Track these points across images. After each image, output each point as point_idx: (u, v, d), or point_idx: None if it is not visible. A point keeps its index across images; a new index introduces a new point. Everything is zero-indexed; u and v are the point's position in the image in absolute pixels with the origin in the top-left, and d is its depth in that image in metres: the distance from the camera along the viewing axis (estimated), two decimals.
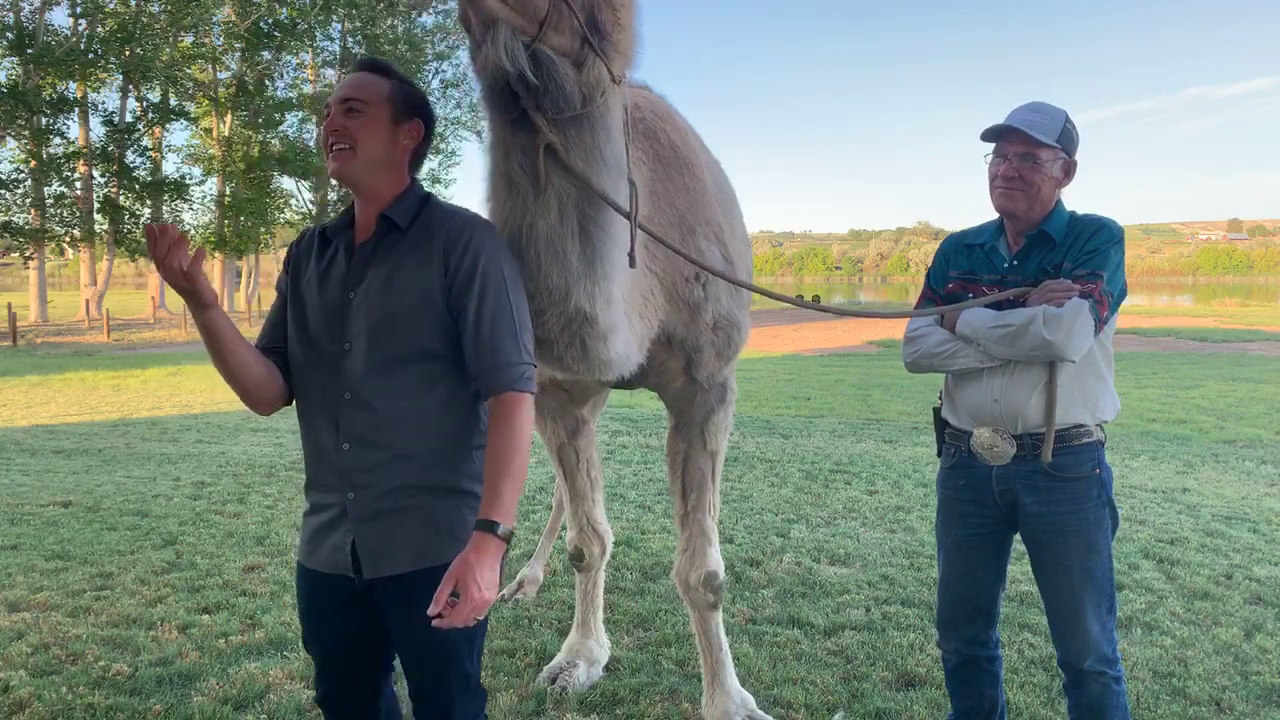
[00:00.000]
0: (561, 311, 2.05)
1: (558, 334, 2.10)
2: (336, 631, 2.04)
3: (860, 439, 8.93)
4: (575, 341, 2.12)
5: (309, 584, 2.03)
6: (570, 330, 2.10)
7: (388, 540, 1.90)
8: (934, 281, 2.62)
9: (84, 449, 8.44)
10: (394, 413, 1.88)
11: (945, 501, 2.60)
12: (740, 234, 3.11)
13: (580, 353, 2.15)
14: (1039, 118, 2.38)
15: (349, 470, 1.90)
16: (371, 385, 1.87)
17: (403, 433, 1.89)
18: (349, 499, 1.91)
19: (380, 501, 1.90)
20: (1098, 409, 2.42)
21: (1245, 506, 6.08)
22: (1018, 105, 2.46)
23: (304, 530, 2.03)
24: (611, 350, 2.20)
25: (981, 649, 2.60)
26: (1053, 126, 2.37)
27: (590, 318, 2.08)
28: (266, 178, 38.08)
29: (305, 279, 2.00)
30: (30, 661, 3.56)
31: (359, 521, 1.91)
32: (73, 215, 32.81)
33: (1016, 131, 2.36)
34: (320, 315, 1.94)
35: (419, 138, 1.97)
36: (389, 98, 1.92)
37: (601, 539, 3.49)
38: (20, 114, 29.55)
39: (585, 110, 1.93)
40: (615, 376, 2.34)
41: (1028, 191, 2.38)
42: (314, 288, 1.97)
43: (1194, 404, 11.61)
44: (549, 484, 6.53)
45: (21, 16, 29.93)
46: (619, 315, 2.21)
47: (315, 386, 1.95)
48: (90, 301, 31.85)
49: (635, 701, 3.27)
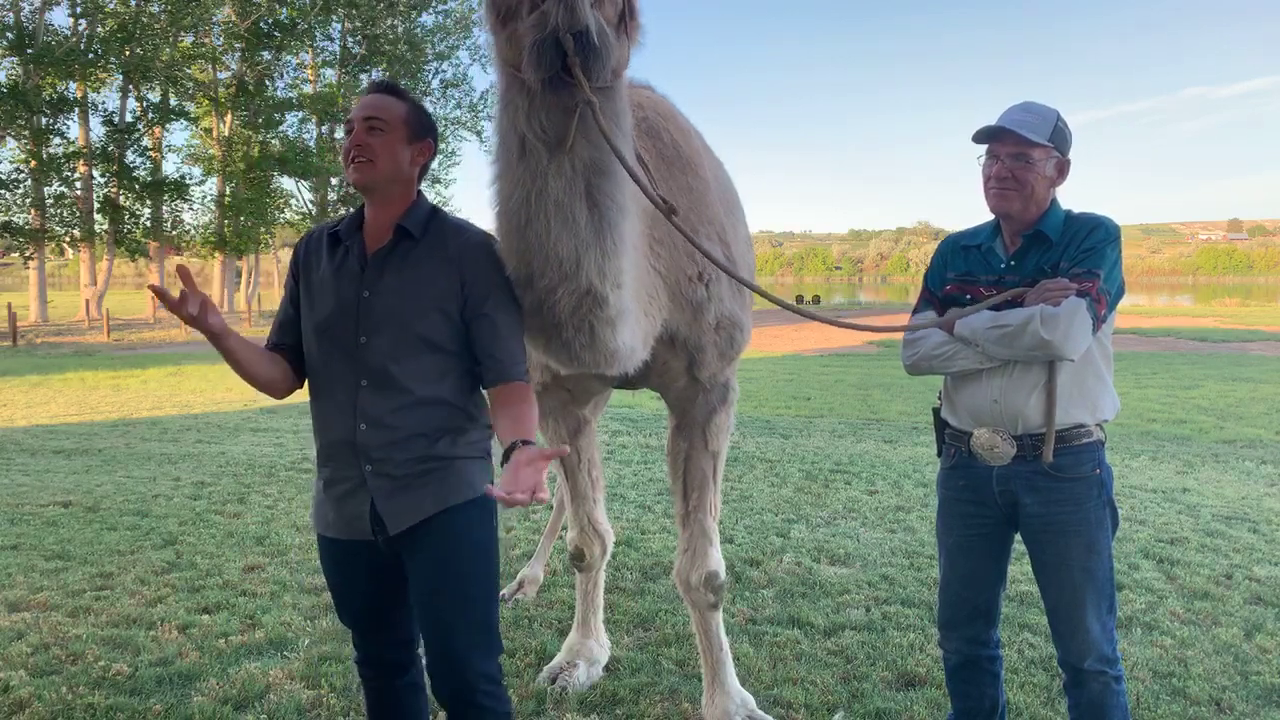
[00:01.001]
0: (574, 288, 2.08)
1: (568, 316, 2.12)
2: (365, 594, 2.28)
3: (860, 439, 8.94)
4: (584, 326, 2.15)
5: (335, 552, 2.26)
6: (580, 313, 2.12)
7: (406, 499, 2.13)
8: (932, 283, 2.62)
9: (84, 449, 8.44)
10: (406, 398, 2.12)
11: (946, 502, 2.60)
12: (742, 234, 3.11)
13: (588, 339, 2.17)
14: (1030, 118, 2.38)
15: (366, 447, 2.13)
16: (386, 374, 2.11)
17: (414, 415, 2.12)
18: (367, 470, 2.14)
19: (397, 470, 2.13)
20: (1097, 408, 2.42)
21: (1245, 506, 6.09)
22: (1009, 105, 2.46)
23: (320, 503, 2.25)
24: (619, 339, 2.21)
25: (982, 649, 2.60)
26: (1044, 126, 2.37)
27: (600, 298, 2.11)
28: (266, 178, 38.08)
29: (318, 276, 2.21)
30: (30, 661, 3.56)
31: (379, 489, 2.14)
32: (73, 215, 32.82)
33: (1008, 132, 2.36)
34: (336, 312, 2.16)
35: (428, 155, 2.22)
36: (405, 119, 2.15)
37: (602, 539, 3.49)
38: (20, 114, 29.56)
39: (613, 85, 2.03)
40: (620, 371, 2.34)
41: (1021, 191, 2.38)
42: (328, 285, 2.18)
43: (1194, 404, 11.61)
44: (549, 484, 6.53)
45: (21, 16, 29.93)
46: (628, 302, 2.23)
47: (333, 374, 2.17)
48: (90, 301, 31.84)
49: (635, 701, 3.27)
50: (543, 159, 2.01)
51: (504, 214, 2.10)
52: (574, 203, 2.04)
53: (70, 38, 31.21)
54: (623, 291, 2.18)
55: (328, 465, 2.21)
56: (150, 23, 31.75)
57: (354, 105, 2.23)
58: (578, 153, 2.02)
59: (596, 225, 2.07)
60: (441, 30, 41.76)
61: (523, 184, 2.03)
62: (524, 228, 2.05)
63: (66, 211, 32.77)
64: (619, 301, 2.16)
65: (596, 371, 2.32)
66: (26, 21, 30.16)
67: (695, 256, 2.75)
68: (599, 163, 2.04)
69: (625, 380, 2.95)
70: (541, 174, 2.02)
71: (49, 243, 32.18)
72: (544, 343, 2.23)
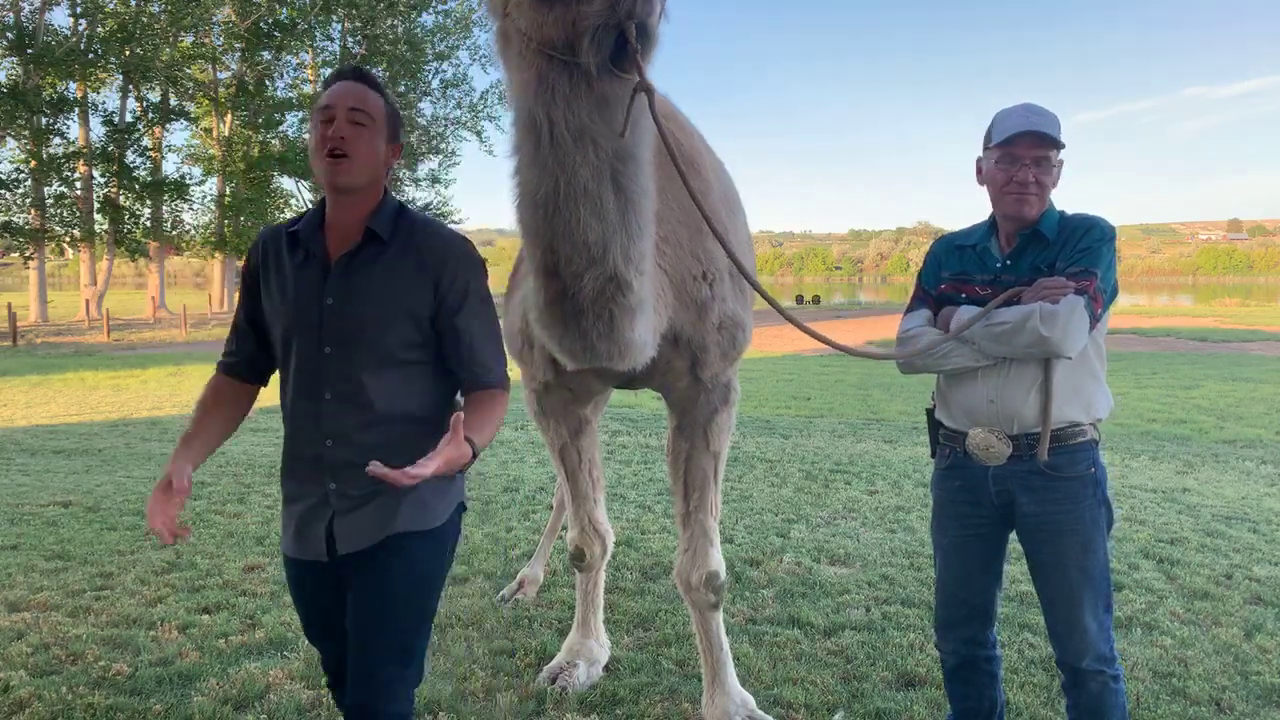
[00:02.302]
0: (600, 273, 2.09)
1: (590, 303, 2.13)
2: (324, 615, 2.16)
3: (860, 439, 8.94)
4: (605, 314, 2.15)
5: (295, 573, 2.16)
6: (603, 299, 2.13)
7: (359, 520, 2.02)
8: (926, 283, 2.62)
9: (84, 449, 8.44)
10: (373, 413, 1.99)
11: (941, 502, 2.61)
12: (744, 235, 3.12)
13: (607, 328, 2.18)
14: (1045, 118, 2.36)
15: (331, 465, 2.01)
16: (351, 386, 1.99)
17: (381, 429, 2.00)
18: (330, 489, 2.02)
19: (361, 489, 1.99)
20: (1092, 407, 2.43)
21: (1245, 506, 6.08)
22: (1006, 108, 2.43)
23: (285, 522, 2.14)
24: (635, 331, 2.22)
25: (980, 649, 2.60)
26: (1057, 125, 2.37)
27: (625, 283, 2.12)
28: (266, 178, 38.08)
29: (280, 280, 2.06)
30: (30, 661, 3.56)
31: (340, 509, 2.03)
32: (73, 215, 32.81)
33: (1035, 133, 2.33)
34: (298, 320, 2.02)
35: (397, 156, 2.10)
36: (386, 115, 2.02)
37: (603, 539, 3.49)
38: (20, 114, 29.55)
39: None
40: (629, 366, 2.34)
41: (1042, 195, 2.38)
42: (290, 291, 2.04)
43: (1194, 404, 11.60)
44: (549, 484, 6.53)
45: (21, 16, 29.92)
46: (647, 292, 2.25)
47: (298, 385, 2.05)
48: (90, 301, 31.84)
49: (635, 701, 3.27)
50: (569, 146, 1.99)
51: (530, 203, 2.08)
52: (602, 189, 2.04)
53: (70, 38, 31.20)
54: (644, 280, 2.20)
55: (290, 480, 2.10)
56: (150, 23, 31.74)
57: (325, 91, 2.01)
58: (605, 140, 2.01)
59: (623, 210, 2.08)
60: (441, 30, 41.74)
61: (552, 172, 2.02)
62: (552, 216, 2.05)
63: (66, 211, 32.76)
64: (641, 289, 2.18)
65: (607, 365, 2.32)
66: (26, 21, 30.15)
67: (700, 256, 2.75)
68: (625, 149, 2.04)
69: (627, 380, 2.95)
70: (570, 161, 2.00)
71: (49, 243, 32.17)
72: (559, 333, 2.23)
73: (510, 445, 8.24)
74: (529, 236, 2.13)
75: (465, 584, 4.50)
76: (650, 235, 2.20)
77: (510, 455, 7.78)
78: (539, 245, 2.11)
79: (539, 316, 2.27)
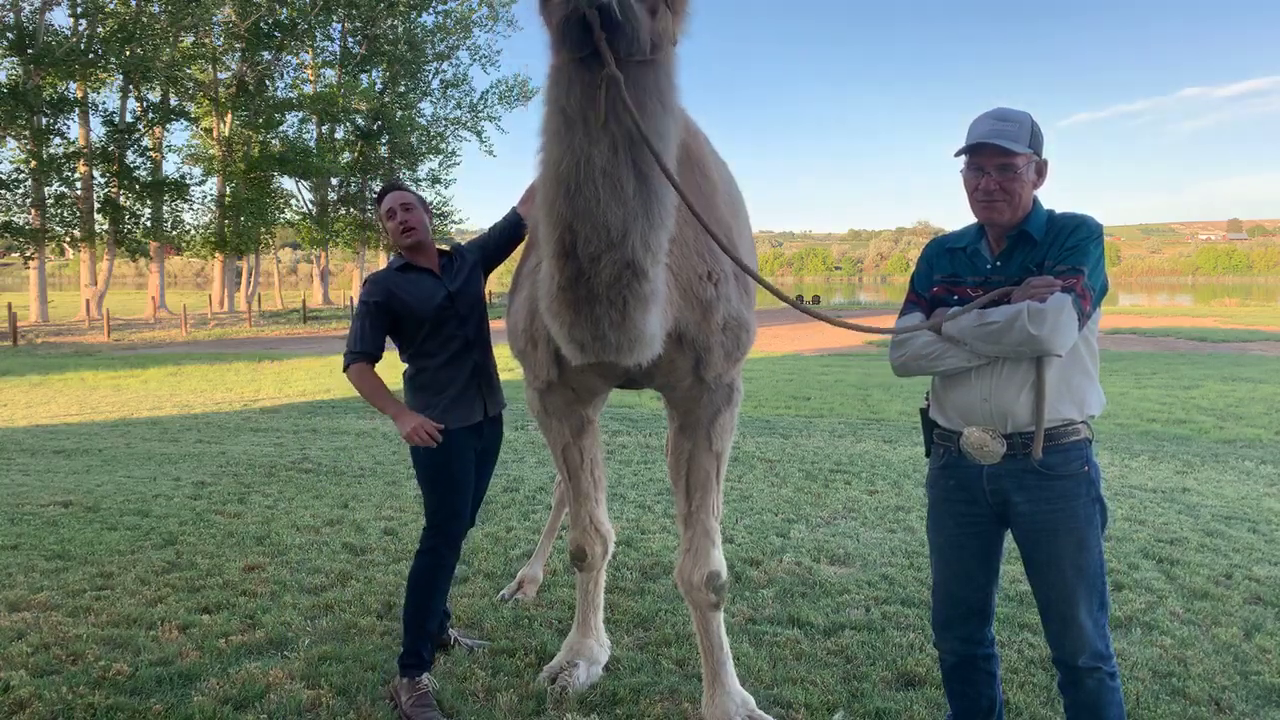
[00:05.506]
0: (618, 258, 2.11)
1: (605, 289, 2.14)
2: (470, 471, 3.35)
3: (860, 439, 8.94)
4: (619, 301, 2.17)
5: (457, 442, 3.27)
6: (618, 285, 2.14)
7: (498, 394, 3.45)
8: (918, 286, 2.64)
9: (84, 449, 8.44)
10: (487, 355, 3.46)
11: (936, 502, 2.61)
12: (747, 236, 3.13)
13: (620, 316, 2.19)
14: (1009, 126, 2.39)
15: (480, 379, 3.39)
16: (480, 341, 3.39)
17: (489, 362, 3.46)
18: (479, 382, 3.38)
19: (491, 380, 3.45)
20: (1085, 404, 2.44)
21: (1245, 506, 6.08)
22: (979, 114, 2.46)
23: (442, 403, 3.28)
24: (646, 322, 2.24)
25: (978, 648, 2.60)
26: (1023, 132, 2.38)
27: (641, 270, 2.14)
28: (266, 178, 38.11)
29: (407, 293, 3.28)
30: (30, 661, 3.57)
31: (488, 390, 3.42)
32: (73, 215, 32.84)
33: (992, 146, 2.37)
34: (433, 308, 3.27)
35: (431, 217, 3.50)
36: (422, 202, 3.45)
37: (604, 538, 3.49)
38: (20, 114, 29.57)
39: (653, 57, 2.05)
40: (635, 361, 2.35)
41: (1010, 201, 2.41)
42: (418, 296, 3.27)
43: (1194, 404, 11.60)
44: (549, 484, 6.53)
45: (21, 16, 29.93)
46: (660, 284, 2.26)
47: (449, 347, 3.31)
48: (90, 301, 31.85)
49: (635, 701, 3.27)
50: (580, 130, 2.05)
51: (553, 179, 2.12)
52: (621, 173, 2.06)
53: (70, 38, 31.21)
54: (660, 269, 2.21)
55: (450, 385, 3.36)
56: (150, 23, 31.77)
57: (382, 206, 3.37)
58: (613, 123, 2.03)
59: (644, 197, 2.09)
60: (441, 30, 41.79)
61: (571, 151, 2.07)
62: (574, 193, 2.07)
63: (67, 211, 32.79)
64: (656, 278, 2.19)
65: (615, 359, 2.32)
66: (27, 21, 30.16)
67: (705, 256, 2.76)
68: (634, 136, 2.06)
69: (629, 379, 2.95)
70: (584, 144, 2.05)
71: (49, 243, 32.19)
72: (571, 320, 2.24)
73: (510, 445, 8.24)
74: (549, 215, 2.16)
75: (465, 584, 4.50)
76: (670, 228, 2.21)
77: (510, 455, 7.77)
78: (559, 224, 2.13)
79: (550, 304, 2.27)
